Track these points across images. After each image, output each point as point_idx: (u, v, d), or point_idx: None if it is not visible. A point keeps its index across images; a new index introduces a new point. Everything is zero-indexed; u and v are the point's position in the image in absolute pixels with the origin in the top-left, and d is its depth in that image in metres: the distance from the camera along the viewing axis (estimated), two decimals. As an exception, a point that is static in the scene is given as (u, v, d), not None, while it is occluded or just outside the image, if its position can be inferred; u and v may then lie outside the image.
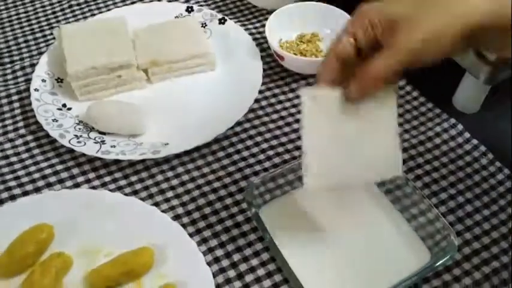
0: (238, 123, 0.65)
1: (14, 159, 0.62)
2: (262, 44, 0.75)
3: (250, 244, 0.55)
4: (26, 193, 0.58)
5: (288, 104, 0.69)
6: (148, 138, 0.63)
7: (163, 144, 0.62)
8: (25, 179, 0.60)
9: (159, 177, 0.60)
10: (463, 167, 0.62)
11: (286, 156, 0.63)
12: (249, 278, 0.52)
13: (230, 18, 0.77)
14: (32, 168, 0.61)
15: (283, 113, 0.68)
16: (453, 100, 0.69)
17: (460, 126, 0.66)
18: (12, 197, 0.58)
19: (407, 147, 0.64)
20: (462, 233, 0.56)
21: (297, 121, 0.67)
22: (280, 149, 0.64)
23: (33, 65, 0.70)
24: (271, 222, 0.54)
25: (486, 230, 0.56)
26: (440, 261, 0.50)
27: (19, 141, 0.63)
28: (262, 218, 0.54)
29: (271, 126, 0.66)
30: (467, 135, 0.65)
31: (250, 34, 0.75)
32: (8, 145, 0.63)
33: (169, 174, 0.61)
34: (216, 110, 0.66)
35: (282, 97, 0.70)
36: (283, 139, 0.65)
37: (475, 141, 0.64)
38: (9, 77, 0.71)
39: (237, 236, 0.56)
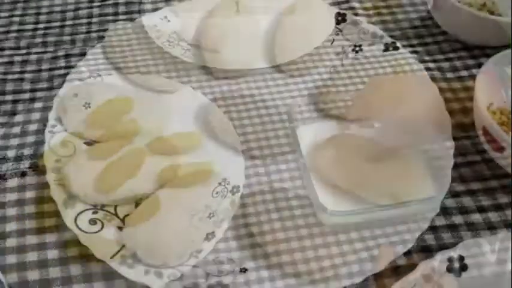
0: (303, 61, 0.75)
1: (117, 49, 0.76)
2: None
3: (283, 153, 0.65)
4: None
5: (351, 55, 0.77)
6: (225, 54, 0.74)
7: (236, 61, 0.73)
8: (121, 65, 0.74)
9: (225, 88, 0.72)
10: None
11: (336, 95, 0.72)
12: (274, 176, 0.63)
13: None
14: (129, 59, 0.75)
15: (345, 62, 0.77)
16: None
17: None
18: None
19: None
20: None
21: (354, 67, 0.75)
22: (332, 88, 0.73)
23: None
24: (305, 140, 0.63)
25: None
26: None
27: (124, 38, 0.78)
28: (298, 134, 0.63)
29: (328, 65, 0.76)
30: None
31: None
32: (115, 38, 0.78)
33: (234, 87, 0.72)
34: (286, 43, 0.76)
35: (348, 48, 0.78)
36: (338, 82, 0.74)
37: None
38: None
39: (275, 145, 0.66)
